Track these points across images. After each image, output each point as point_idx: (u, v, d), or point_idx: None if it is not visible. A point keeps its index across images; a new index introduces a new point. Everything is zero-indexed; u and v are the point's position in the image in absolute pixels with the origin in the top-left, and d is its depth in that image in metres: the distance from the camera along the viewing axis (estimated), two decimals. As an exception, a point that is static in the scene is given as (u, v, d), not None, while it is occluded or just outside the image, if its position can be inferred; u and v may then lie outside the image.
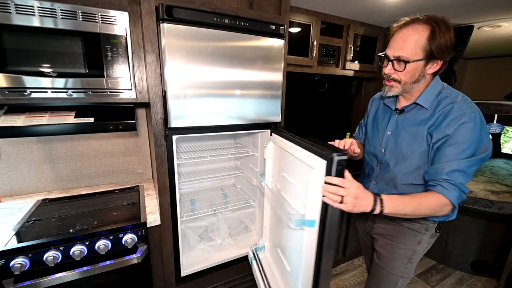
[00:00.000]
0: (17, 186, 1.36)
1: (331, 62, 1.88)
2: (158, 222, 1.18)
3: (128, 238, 1.09)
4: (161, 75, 1.07)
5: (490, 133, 2.05)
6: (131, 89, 1.12)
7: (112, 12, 1.02)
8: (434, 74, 0.94)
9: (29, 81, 0.95)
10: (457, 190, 0.84)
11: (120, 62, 1.07)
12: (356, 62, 2.00)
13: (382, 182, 1.06)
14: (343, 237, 2.05)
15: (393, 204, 0.83)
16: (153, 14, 1.00)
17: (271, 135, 1.22)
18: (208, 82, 1.12)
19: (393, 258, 1.06)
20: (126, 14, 1.05)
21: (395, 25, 0.93)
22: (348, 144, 1.02)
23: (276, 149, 1.16)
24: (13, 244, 0.94)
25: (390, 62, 0.92)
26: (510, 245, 1.87)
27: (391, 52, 0.91)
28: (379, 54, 0.97)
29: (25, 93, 0.96)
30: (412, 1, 1.50)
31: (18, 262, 0.91)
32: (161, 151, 1.13)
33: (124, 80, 1.10)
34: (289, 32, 1.63)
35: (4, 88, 0.93)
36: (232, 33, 1.12)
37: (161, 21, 0.99)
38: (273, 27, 1.21)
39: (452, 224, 2.13)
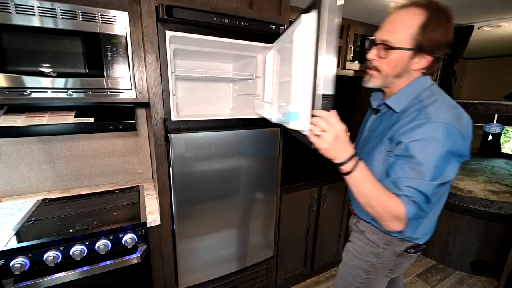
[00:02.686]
0: (17, 186, 1.36)
1: (331, 62, 1.88)
2: (158, 222, 1.18)
3: (128, 238, 1.09)
4: (161, 75, 1.07)
5: (490, 133, 2.05)
6: (131, 89, 1.12)
7: (112, 12, 1.02)
8: (423, 73, 0.80)
9: (29, 81, 0.95)
10: (416, 207, 0.73)
11: (120, 62, 1.07)
12: (356, 62, 2.00)
13: None
14: (343, 237, 2.06)
15: (364, 176, 0.73)
16: (153, 14, 1.00)
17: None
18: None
19: (350, 266, 1.03)
20: (126, 14, 1.05)
21: (392, 5, 0.79)
22: None
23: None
24: (13, 244, 0.94)
25: (375, 47, 0.81)
26: (510, 245, 1.87)
27: (379, 35, 0.80)
28: (368, 37, 0.86)
29: (25, 93, 0.95)
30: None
31: (18, 262, 0.91)
32: (161, 151, 1.13)
33: (124, 80, 1.10)
34: (289, 32, 1.63)
35: (4, 88, 0.92)
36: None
37: (159, 22, 0.99)
38: (273, 27, 1.20)
39: (452, 224, 2.13)
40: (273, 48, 1.20)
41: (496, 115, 1.96)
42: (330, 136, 0.68)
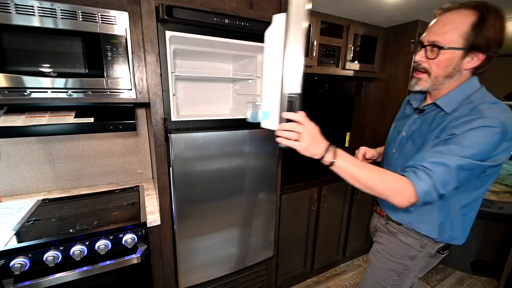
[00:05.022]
0: (17, 186, 1.36)
1: (331, 62, 1.88)
2: (158, 222, 1.18)
3: (128, 238, 1.09)
4: (161, 75, 1.07)
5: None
6: (131, 89, 1.12)
7: (112, 12, 1.02)
8: (474, 72, 0.80)
9: (29, 81, 0.95)
10: (430, 184, 0.71)
11: (120, 62, 1.07)
12: (356, 62, 2.00)
13: None
14: (343, 237, 2.06)
15: (346, 160, 0.76)
16: (153, 14, 1.00)
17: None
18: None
19: (380, 268, 1.02)
20: (126, 14, 1.05)
21: (438, 10, 0.80)
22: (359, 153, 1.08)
23: None
24: (13, 244, 0.94)
25: (423, 49, 0.81)
26: (510, 245, 1.87)
27: (426, 37, 0.80)
28: (412, 41, 0.85)
29: (25, 93, 0.95)
30: (412, 1, 1.50)
31: (18, 262, 0.91)
32: (161, 151, 1.13)
33: (124, 80, 1.10)
34: (289, 32, 1.63)
35: (4, 88, 0.93)
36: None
37: (159, 22, 0.99)
38: (273, 27, 1.21)
39: (452, 224, 2.13)
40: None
41: (496, 115, 1.96)
42: (307, 137, 0.73)
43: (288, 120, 0.75)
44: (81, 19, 0.98)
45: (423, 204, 0.77)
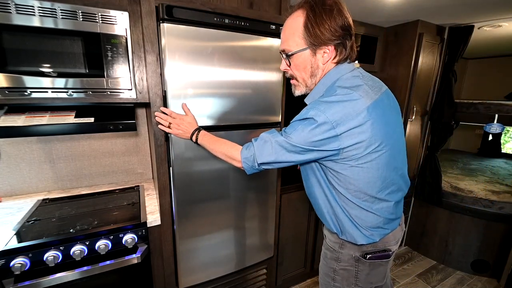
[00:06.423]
0: (17, 186, 1.36)
1: (331, 62, 1.88)
2: (158, 222, 1.18)
3: (128, 238, 1.09)
4: (161, 75, 1.07)
5: (491, 133, 2.05)
6: (131, 89, 1.12)
7: (112, 12, 1.02)
8: (337, 62, 0.82)
9: (29, 81, 0.95)
10: (251, 153, 0.84)
11: (120, 62, 1.07)
12: (356, 62, 1.99)
13: None
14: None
15: (202, 138, 1.02)
16: (153, 14, 1.01)
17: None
18: (207, 82, 1.12)
19: (321, 273, 1.02)
20: (126, 14, 1.05)
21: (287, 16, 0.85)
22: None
23: None
24: (13, 244, 0.94)
25: (283, 58, 0.86)
26: (510, 245, 1.87)
27: (280, 46, 0.85)
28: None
29: (25, 93, 0.96)
30: (412, 1, 1.50)
31: (18, 262, 0.91)
32: (161, 151, 1.13)
33: (124, 80, 1.10)
34: (289, 32, 1.63)
35: (4, 88, 0.93)
36: (232, 33, 1.13)
37: (161, 21, 0.99)
38: (273, 27, 1.21)
39: (452, 224, 2.13)
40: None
41: (496, 115, 1.96)
42: (174, 125, 1.05)
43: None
44: (81, 19, 0.98)
45: (255, 170, 0.88)
